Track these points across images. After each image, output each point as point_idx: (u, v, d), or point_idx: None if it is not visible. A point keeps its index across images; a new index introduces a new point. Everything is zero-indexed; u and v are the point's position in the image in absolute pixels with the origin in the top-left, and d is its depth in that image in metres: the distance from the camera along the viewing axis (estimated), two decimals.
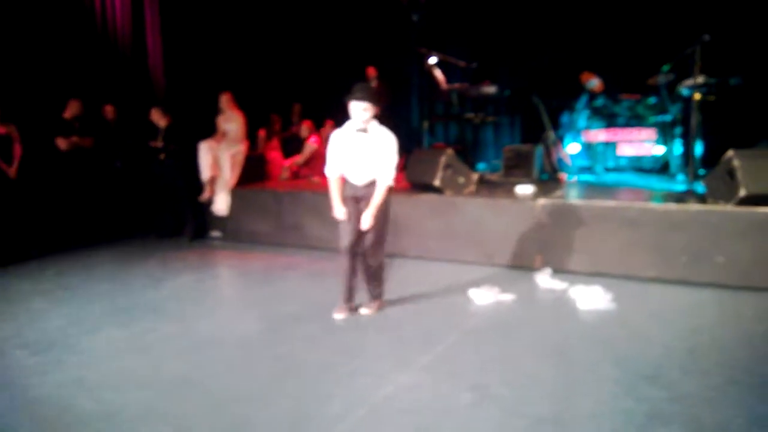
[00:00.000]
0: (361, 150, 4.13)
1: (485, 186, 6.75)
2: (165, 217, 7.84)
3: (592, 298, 4.50)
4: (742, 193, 4.68)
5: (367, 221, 4.11)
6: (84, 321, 4.50)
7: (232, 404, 3.08)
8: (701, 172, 6.26)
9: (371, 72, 9.83)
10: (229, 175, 7.65)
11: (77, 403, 3.15)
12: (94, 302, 4.99)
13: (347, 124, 4.17)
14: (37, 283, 5.65)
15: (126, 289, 5.37)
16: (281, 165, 8.92)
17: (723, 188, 4.93)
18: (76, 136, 7.41)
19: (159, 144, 7.53)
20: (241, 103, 8.12)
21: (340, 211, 4.30)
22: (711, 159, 5.87)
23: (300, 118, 9.54)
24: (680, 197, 5.35)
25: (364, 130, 4.09)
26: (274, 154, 9.12)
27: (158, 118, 7.60)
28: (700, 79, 5.88)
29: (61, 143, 7.27)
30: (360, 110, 4.01)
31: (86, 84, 8.18)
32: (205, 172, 7.57)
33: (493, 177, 7.17)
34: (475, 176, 6.50)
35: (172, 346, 3.96)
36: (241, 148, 7.87)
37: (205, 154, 7.59)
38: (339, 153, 4.22)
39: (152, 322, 4.45)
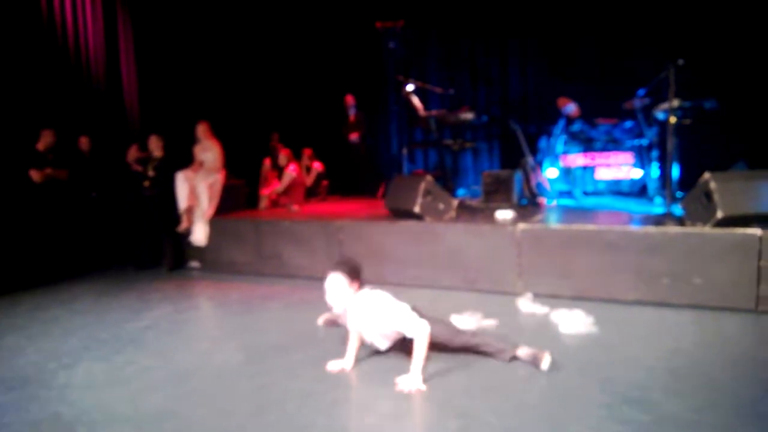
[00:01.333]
0: (361, 322, 3.76)
1: (465, 212, 6.77)
2: (142, 249, 7.74)
3: (574, 321, 4.49)
4: (719, 215, 4.74)
5: (409, 386, 3.44)
6: (60, 355, 4.40)
7: None
8: (679, 194, 6.34)
9: (349, 100, 9.93)
10: (206, 204, 7.58)
11: None
12: (71, 336, 4.88)
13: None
14: (10, 318, 5.51)
15: (103, 322, 5.27)
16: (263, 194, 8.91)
17: (700, 210, 4.99)
18: (51, 167, 7.31)
19: (151, 173, 7.50)
20: (219, 133, 8.11)
21: (348, 363, 3.84)
22: (688, 181, 5.95)
23: (278, 146, 9.55)
24: (659, 220, 5.40)
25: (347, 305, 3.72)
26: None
27: (155, 147, 7.59)
28: (675, 103, 5.99)
29: (35, 175, 7.16)
30: (335, 282, 3.66)
31: (60, 115, 8.12)
32: (182, 203, 7.50)
33: (473, 203, 7.21)
34: (454, 202, 6.51)
35: (151, 378, 3.88)
36: (218, 178, 7.82)
37: (182, 184, 7.53)
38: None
39: (131, 354, 4.36)
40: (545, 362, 3.65)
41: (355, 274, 3.68)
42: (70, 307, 5.81)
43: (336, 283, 3.64)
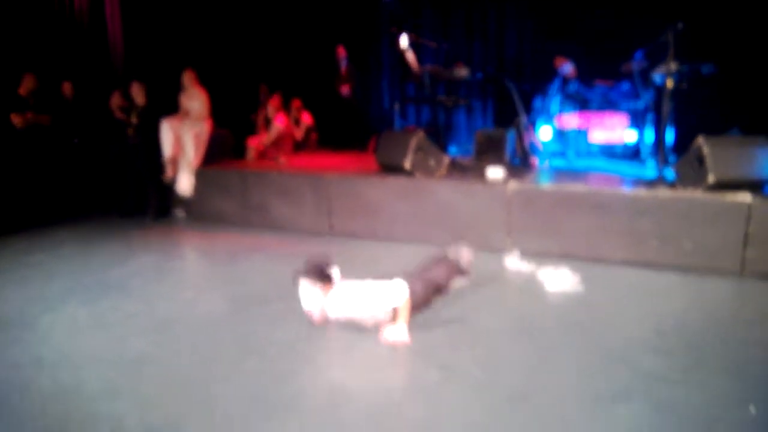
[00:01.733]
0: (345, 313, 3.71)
1: (456, 169, 6.69)
2: (127, 196, 7.64)
3: (560, 280, 4.50)
4: (711, 179, 4.71)
5: (394, 337, 3.47)
6: (44, 299, 4.37)
7: (193, 383, 3.00)
8: (672, 159, 6.30)
9: (341, 52, 9.71)
10: (192, 154, 7.44)
11: (35, 382, 3.06)
12: (55, 281, 4.84)
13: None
14: None
15: (88, 268, 5.22)
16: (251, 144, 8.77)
17: (692, 175, 4.96)
18: (32, 112, 7.15)
19: (134, 121, 7.36)
20: (205, 81, 7.92)
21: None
22: (682, 146, 5.90)
23: (267, 98, 9.36)
24: (650, 183, 5.37)
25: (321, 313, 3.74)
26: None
27: (137, 95, 7.42)
28: (673, 67, 5.89)
29: (16, 120, 7.01)
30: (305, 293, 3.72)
31: (43, 60, 7.91)
32: (167, 151, 7.35)
33: (465, 161, 7.12)
34: (446, 159, 6.44)
35: (134, 324, 3.86)
36: (204, 127, 7.66)
37: (167, 132, 7.37)
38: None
39: (115, 300, 4.33)
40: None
41: (325, 278, 3.70)
42: (54, 253, 5.75)
43: (310, 293, 3.69)
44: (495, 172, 5.93)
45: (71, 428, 2.57)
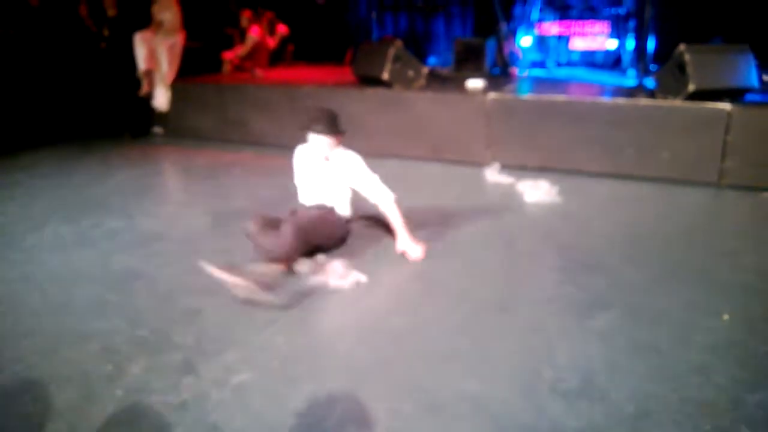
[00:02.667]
0: (323, 176, 3.62)
1: (435, 80, 6.60)
2: (103, 113, 7.44)
3: (539, 191, 4.56)
4: (691, 87, 4.69)
5: (415, 253, 3.48)
6: (26, 218, 4.35)
7: (180, 296, 3.06)
8: (653, 67, 6.26)
9: None
10: (166, 68, 7.22)
11: (25, 298, 3.10)
12: (36, 199, 4.81)
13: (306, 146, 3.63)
14: None
15: (68, 186, 5.18)
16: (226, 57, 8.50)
17: (673, 83, 4.94)
18: None
19: (106, 33, 7.06)
20: None
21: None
22: (663, 54, 5.84)
23: (238, 7, 8.97)
24: (630, 92, 5.36)
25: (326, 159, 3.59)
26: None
27: (108, 5, 7.08)
28: None
29: None
30: (322, 144, 3.50)
31: None
32: (141, 65, 7.12)
33: (444, 71, 7.02)
34: (424, 70, 6.32)
35: (118, 240, 3.89)
36: (178, 39, 7.38)
37: (141, 45, 7.09)
38: (299, 175, 3.77)
39: (97, 217, 4.33)
40: None
41: (335, 128, 3.52)
42: (32, 173, 5.64)
43: (322, 144, 3.50)
44: (475, 83, 5.86)
45: (64, 344, 2.63)
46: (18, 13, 7.17)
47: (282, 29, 9.23)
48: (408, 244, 3.47)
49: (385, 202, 3.52)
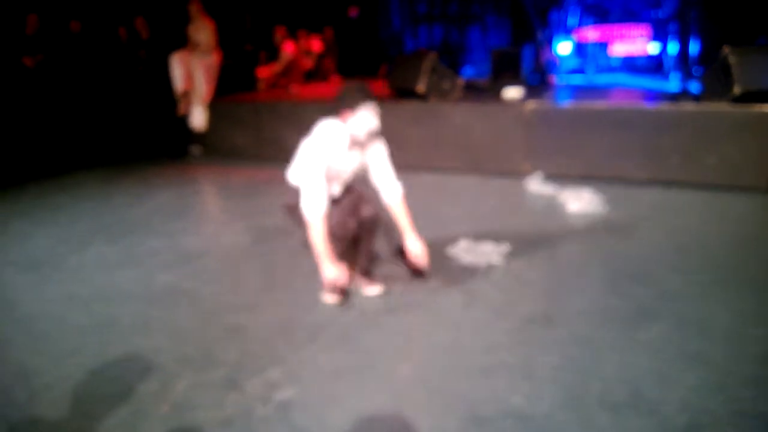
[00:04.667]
0: (356, 164, 3.21)
1: (472, 91, 6.57)
2: (142, 135, 7.63)
3: (582, 201, 4.47)
4: (737, 90, 4.58)
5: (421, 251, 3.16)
6: (70, 239, 4.45)
7: (222, 313, 3.08)
8: (696, 71, 6.11)
9: None
10: (203, 87, 7.37)
11: (72, 316, 3.15)
12: (78, 221, 4.92)
13: (338, 137, 3.07)
14: (16, 205, 5.54)
15: (109, 207, 5.30)
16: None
17: (718, 86, 4.82)
18: (42, 53, 7.09)
19: (142, 56, 7.29)
20: (211, 11, 7.74)
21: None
22: (707, 57, 5.71)
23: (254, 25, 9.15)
24: (673, 97, 5.24)
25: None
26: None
27: (142, 29, 7.32)
28: None
29: (28, 61, 6.96)
30: (375, 116, 3.12)
31: None
32: (179, 85, 7.29)
33: (480, 82, 6.98)
34: (460, 81, 6.30)
35: (160, 259, 3.94)
36: (214, 58, 7.54)
37: (177, 66, 7.27)
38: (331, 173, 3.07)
39: (139, 237, 4.40)
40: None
41: (338, 104, 3.11)
42: (74, 194, 5.82)
43: (369, 119, 3.14)
44: (512, 92, 5.81)
45: (110, 362, 2.66)
46: (60, 39, 7.45)
47: (316, 46, 9.34)
48: (417, 245, 3.13)
49: (399, 195, 3.19)
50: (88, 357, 2.71)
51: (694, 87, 5.30)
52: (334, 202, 3.09)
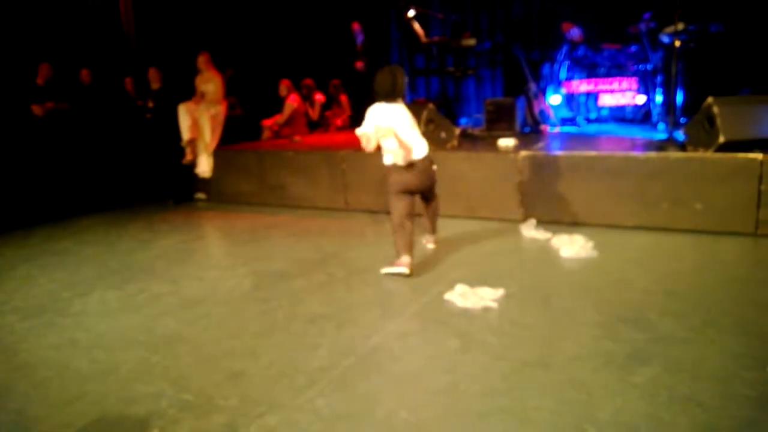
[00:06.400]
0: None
1: (467, 140, 6.76)
2: (149, 181, 7.81)
3: (574, 246, 4.56)
4: (721, 139, 4.72)
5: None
6: (74, 284, 4.52)
7: (223, 358, 3.13)
8: (682, 120, 6.30)
9: (356, 27, 9.66)
10: (209, 136, 7.57)
11: (73, 363, 3.19)
12: (83, 266, 5.01)
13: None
14: (22, 250, 5.63)
15: (114, 252, 5.39)
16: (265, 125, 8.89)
17: (703, 135, 4.97)
18: (52, 101, 7.30)
19: (150, 105, 7.52)
20: (219, 65, 8.02)
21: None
22: (692, 107, 5.90)
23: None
24: (661, 145, 5.40)
25: None
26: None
27: (153, 80, 7.57)
28: (681, 26, 5.87)
29: (37, 110, 7.18)
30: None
31: (58, 48, 8.04)
32: (185, 134, 7.49)
33: (476, 131, 7.18)
34: (456, 130, 6.49)
35: (163, 304, 4.01)
36: (220, 109, 7.78)
37: (184, 116, 7.49)
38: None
39: (142, 282, 4.48)
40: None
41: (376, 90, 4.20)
42: (80, 239, 5.93)
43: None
44: (506, 141, 5.98)
45: (111, 409, 2.70)
46: (71, 90, 7.69)
47: (320, 98, 9.59)
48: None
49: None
50: (88, 405, 2.75)
51: (681, 136, 5.47)
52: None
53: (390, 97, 4.20)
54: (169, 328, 3.61)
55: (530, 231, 5.09)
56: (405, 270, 4.18)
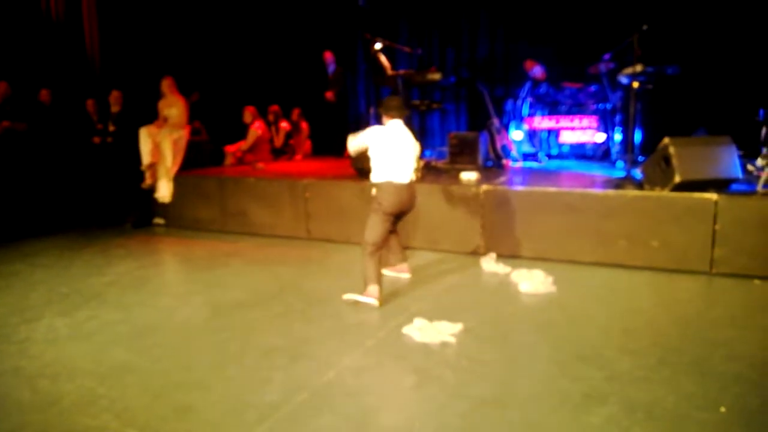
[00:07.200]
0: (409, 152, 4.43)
1: (431, 172, 6.80)
2: (105, 205, 7.64)
3: (533, 281, 4.59)
4: (677, 179, 4.82)
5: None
6: (23, 310, 4.38)
7: (172, 391, 3.03)
8: (640, 159, 6.45)
9: (328, 56, 9.70)
10: (170, 161, 7.46)
11: (14, 393, 3.08)
12: (33, 290, 4.85)
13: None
14: None
15: (66, 277, 5.24)
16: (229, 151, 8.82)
17: (659, 174, 5.07)
18: (8, 120, 7.13)
19: (111, 128, 7.41)
20: (183, 89, 7.96)
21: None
22: (650, 146, 6.05)
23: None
24: (618, 183, 5.50)
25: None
26: None
27: (114, 102, 7.47)
28: (639, 68, 6.05)
29: None
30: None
31: (18, 67, 7.89)
32: (146, 159, 7.38)
33: (439, 164, 7.23)
34: (420, 163, 6.52)
35: (113, 333, 3.89)
36: (183, 134, 7.69)
37: (145, 139, 7.40)
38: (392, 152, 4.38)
39: (93, 309, 4.35)
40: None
41: (384, 109, 4.46)
42: (32, 262, 5.73)
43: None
44: (469, 175, 6.04)
45: None
46: (30, 110, 7.52)
47: (285, 126, 9.57)
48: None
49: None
50: None
51: (638, 174, 5.58)
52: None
53: (404, 110, 4.50)
54: (118, 357, 3.49)
55: (490, 265, 5.11)
56: (375, 302, 4.16)
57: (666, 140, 5.06)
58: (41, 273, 5.37)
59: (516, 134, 8.04)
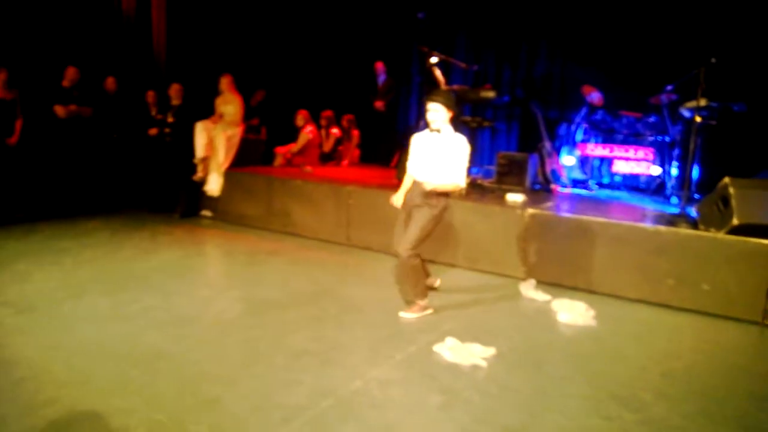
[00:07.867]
0: (432, 150, 4.24)
1: (476, 190, 6.73)
2: (158, 193, 7.85)
3: (573, 312, 4.46)
4: (735, 222, 4.61)
5: (428, 185, 4.08)
6: (68, 286, 4.52)
7: (201, 382, 3.07)
8: (696, 196, 6.24)
9: (379, 66, 9.77)
10: (223, 156, 7.63)
11: (51, 367, 3.17)
12: (80, 268, 5.02)
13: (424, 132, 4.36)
14: (24, 245, 5.64)
15: (113, 258, 5.41)
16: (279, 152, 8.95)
17: (716, 215, 4.88)
18: (75, 104, 7.40)
19: (170, 120, 7.63)
20: (241, 88, 8.13)
21: (399, 199, 4.49)
22: (707, 184, 5.85)
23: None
24: (671, 220, 5.33)
25: (438, 131, 4.21)
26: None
27: (175, 95, 7.70)
28: (703, 102, 5.85)
29: (59, 111, 7.28)
30: (431, 111, 4.15)
31: (88, 54, 8.22)
32: (200, 152, 7.56)
33: (485, 182, 7.15)
34: (467, 179, 6.45)
35: (151, 318, 3.98)
36: (237, 131, 7.87)
37: (201, 133, 7.58)
38: (415, 152, 4.39)
39: (136, 293, 4.47)
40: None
41: (450, 104, 4.17)
42: (82, 241, 5.93)
43: (436, 110, 4.14)
44: (515, 197, 5.95)
45: (80, 419, 2.64)
46: (96, 96, 7.81)
47: (336, 132, 9.64)
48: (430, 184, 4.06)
49: (455, 180, 4.14)
50: (59, 411, 2.70)
51: (693, 212, 5.39)
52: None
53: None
54: (152, 343, 3.56)
55: (530, 291, 5.01)
56: (430, 310, 4.37)
57: (726, 180, 4.87)
58: (90, 252, 5.55)
59: (567, 159, 7.89)
